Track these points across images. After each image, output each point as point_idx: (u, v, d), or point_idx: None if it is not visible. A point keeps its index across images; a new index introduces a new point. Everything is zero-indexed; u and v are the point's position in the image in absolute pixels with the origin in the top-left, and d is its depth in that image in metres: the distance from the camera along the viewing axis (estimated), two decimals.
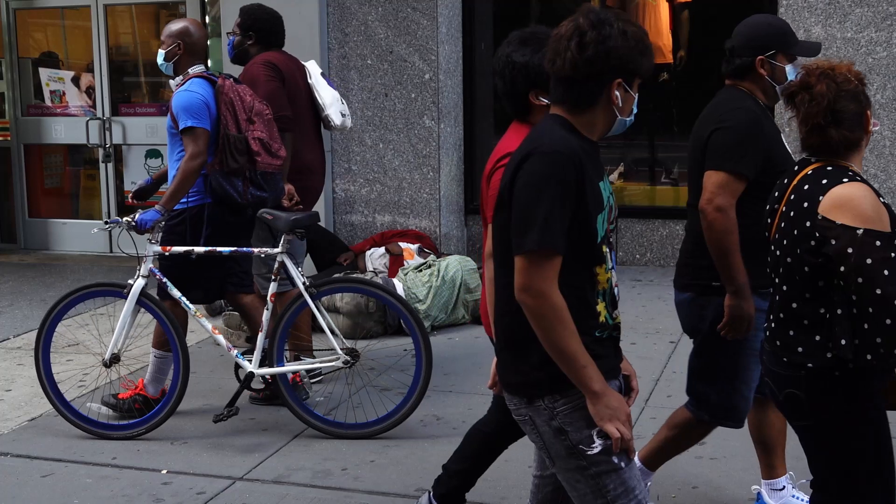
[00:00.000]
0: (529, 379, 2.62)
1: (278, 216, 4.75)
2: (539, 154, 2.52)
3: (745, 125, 3.48)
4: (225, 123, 4.83)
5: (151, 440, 4.83)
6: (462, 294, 6.63)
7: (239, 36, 5.64)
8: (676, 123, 8.77)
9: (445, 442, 4.69)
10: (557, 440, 2.62)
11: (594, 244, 2.58)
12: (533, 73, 3.13)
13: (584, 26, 2.54)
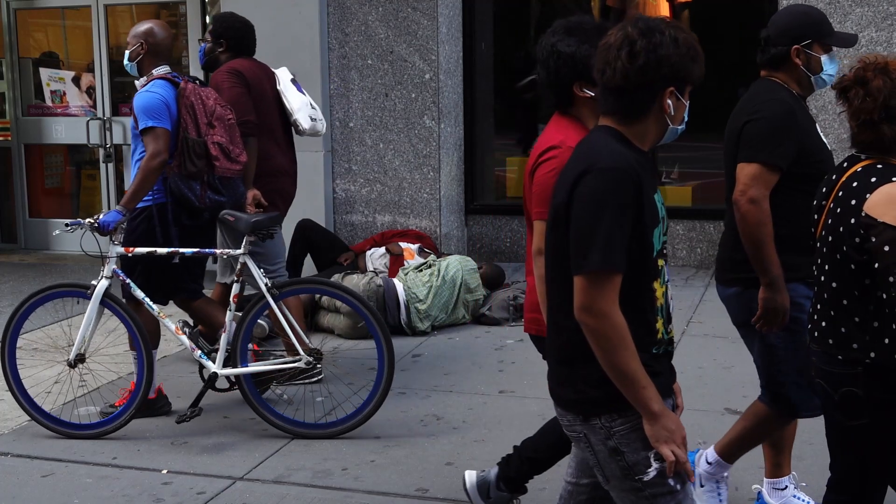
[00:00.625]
0: (587, 397, 2.57)
1: (239, 217, 4.78)
2: (597, 171, 2.47)
3: (779, 116, 3.45)
4: (185, 126, 4.86)
5: (152, 439, 4.83)
6: (462, 294, 6.63)
7: (210, 43, 5.72)
8: None
9: (446, 442, 4.69)
10: (613, 460, 2.57)
11: (650, 259, 2.54)
12: (579, 63, 3.08)
13: (633, 35, 2.50)
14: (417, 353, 6.11)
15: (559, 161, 3.02)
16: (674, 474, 2.51)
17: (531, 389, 5.37)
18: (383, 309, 6.42)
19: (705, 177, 8.66)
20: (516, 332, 6.43)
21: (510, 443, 4.63)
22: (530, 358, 5.91)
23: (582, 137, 3.06)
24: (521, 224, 8.35)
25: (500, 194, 9.00)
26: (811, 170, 3.46)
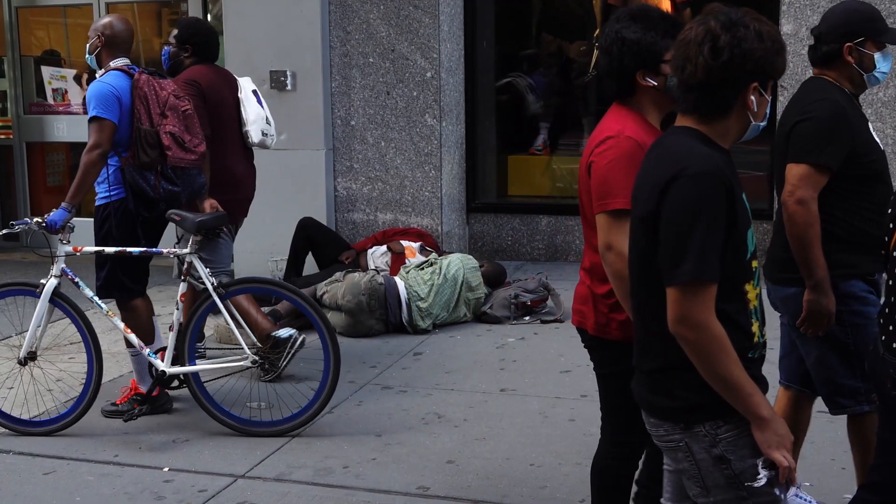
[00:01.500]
0: (689, 403, 2.48)
1: (185, 217, 4.79)
2: (687, 177, 2.38)
3: (830, 117, 3.41)
4: (138, 117, 4.88)
5: (154, 437, 4.83)
6: (464, 292, 6.64)
7: (175, 48, 5.78)
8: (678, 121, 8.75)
9: (447, 440, 4.69)
10: (717, 469, 2.48)
11: (744, 261, 2.47)
12: (644, 51, 3.02)
13: (716, 29, 2.41)
14: (419, 351, 6.12)
15: (617, 151, 2.98)
16: (783, 482, 2.43)
17: (532, 387, 5.37)
18: (384, 307, 6.42)
19: None
20: (517, 331, 6.44)
21: (511, 441, 4.65)
22: (532, 356, 5.92)
23: (640, 128, 3.05)
24: (523, 222, 8.36)
25: (502, 193, 9.00)
26: (864, 170, 3.43)
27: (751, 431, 2.42)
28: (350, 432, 4.83)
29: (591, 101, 9.12)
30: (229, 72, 5.94)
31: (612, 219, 2.97)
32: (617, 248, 2.94)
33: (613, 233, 2.96)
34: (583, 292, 3.30)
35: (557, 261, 8.27)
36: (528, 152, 9.03)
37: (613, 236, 2.96)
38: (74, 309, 4.91)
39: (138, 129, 4.86)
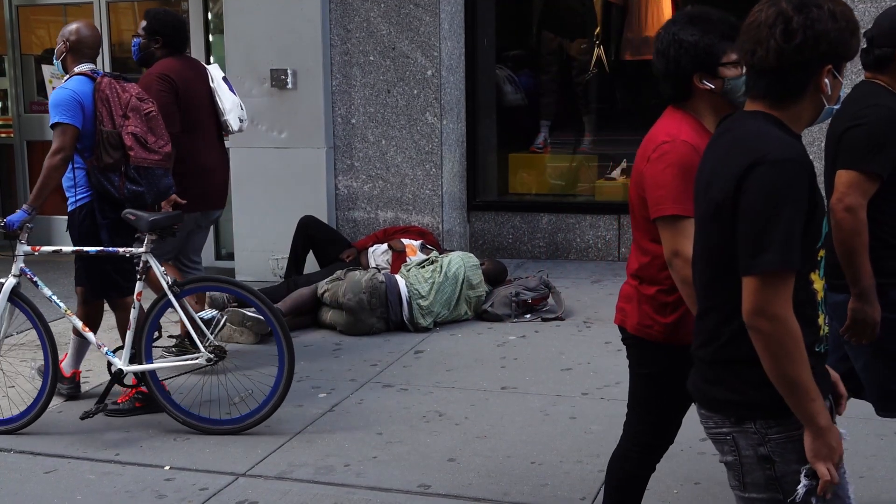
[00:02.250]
0: (744, 398, 2.43)
1: (140, 216, 4.83)
2: (770, 163, 2.29)
3: (881, 123, 3.35)
4: (100, 119, 4.95)
5: (155, 435, 4.83)
6: (464, 290, 6.63)
7: (144, 39, 5.81)
8: None
9: (448, 438, 4.69)
10: (760, 468, 2.44)
11: (814, 249, 2.41)
12: (701, 53, 2.99)
13: (788, 11, 2.33)
14: (420, 349, 6.12)
15: (673, 156, 2.96)
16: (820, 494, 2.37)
17: (533, 386, 5.37)
18: (385, 305, 6.42)
19: None
20: (518, 329, 6.44)
21: (512, 439, 4.65)
22: (532, 354, 5.92)
23: (696, 132, 3.02)
24: (524, 220, 8.35)
25: (503, 191, 8.99)
26: None
27: (801, 437, 2.37)
28: (351, 430, 4.83)
29: (592, 99, 9.12)
30: (199, 61, 6.03)
31: (672, 225, 2.95)
32: (684, 254, 2.90)
33: (678, 239, 2.93)
34: (628, 291, 3.27)
35: (558, 259, 8.27)
36: (529, 150, 9.03)
37: (679, 243, 2.93)
38: (32, 309, 4.98)
39: (101, 132, 4.95)
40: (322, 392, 5.38)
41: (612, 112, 9.27)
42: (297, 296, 6.65)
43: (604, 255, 8.19)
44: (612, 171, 8.68)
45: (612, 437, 4.59)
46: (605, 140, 9.11)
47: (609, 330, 6.33)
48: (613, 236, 8.16)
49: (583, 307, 6.85)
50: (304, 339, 6.42)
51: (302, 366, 5.85)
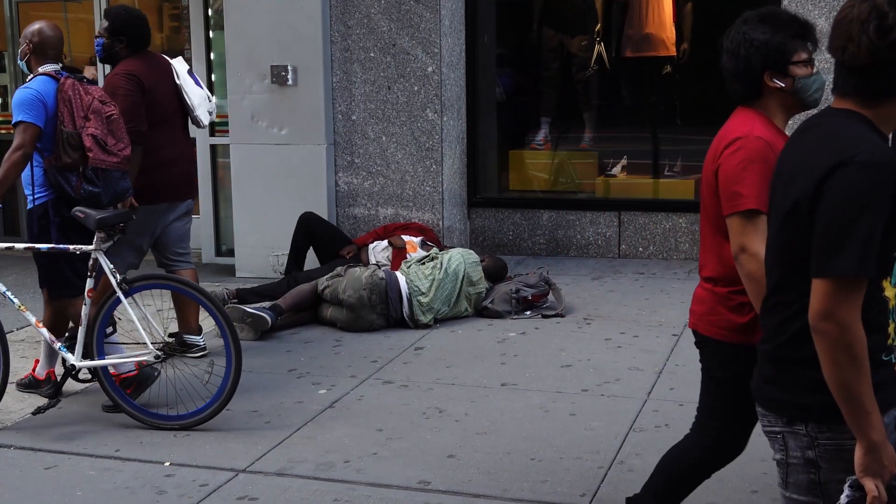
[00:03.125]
0: (798, 401, 2.41)
1: (88, 214, 4.87)
2: (857, 165, 2.22)
3: None
4: (61, 120, 5.03)
5: (155, 432, 4.83)
6: (465, 287, 6.63)
7: (108, 40, 5.84)
8: (680, 116, 8.75)
9: (448, 434, 4.69)
10: (805, 471, 2.43)
11: (891, 257, 2.36)
12: (773, 52, 2.99)
13: (883, 6, 2.26)
14: (420, 345, 6.12)
15: (747, 152, 2.96)
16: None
17: (533, 382, 5.37)
18: (386, 301, 6.42)
19: None
20: (518, 325, 6.44)
21: (512, 435, 4.65)
22: (533, 351, 5.92)
23: (768, 129, 3.00)
24: (524, 217, 8.35)
25: (503, 187, 8.98)
26: None
27: (853, 448, 2.31)
28: (351, 426, 4.84)
29: (593, 95, 9.11)
30: (163, 57, 6.04)
31: (744, 220, 2.94)
32: (751, 249, 2.90)
33: (747, 235, 2.93)
34: (700, 294, 3.26)
35: (558, 255, 8.26)
36: (530, 147, 9.02)
37: (747, 238, 2.92)
38: None
39: (61, 132, 5.02)
40: (322, 388, 5.38)
41: (612, 109, 9.26)
42: (298, 292, 6.65)
43: (604, 251, 8.19)
44: (612, 167, 8.67)
45: (611, 433, 4.61)
46: (605, 137, 9.10)
47: (609, 327, 6.33)
48: (614, 233, 8.16)
49: (583, 304, 6.85)
50: (304, 335, 6.42)
51: (302, 362, 5.85)
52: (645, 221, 8.10)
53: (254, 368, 5.74)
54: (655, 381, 5.32)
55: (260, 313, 6.31)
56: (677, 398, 5.04)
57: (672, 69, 8.59)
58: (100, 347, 4.96)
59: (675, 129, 8.73)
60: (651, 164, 8.72)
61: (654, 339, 6.03)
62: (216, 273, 8.24)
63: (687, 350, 5.81)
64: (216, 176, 8.77)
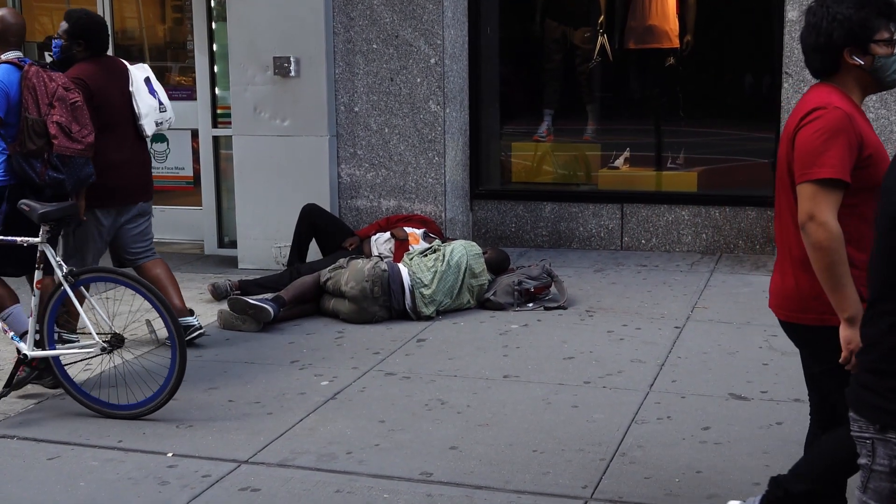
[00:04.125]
0: (893, 408, 2.43)
1: (32, 207, 4.90)
2: None
3: None
4: (26, 107, 5.10)
5: (158, 422, 4.84)
6: (467, 279, 6.63)
7: (66, 42, 5.86)
8: (682, 108, 8.74)
9: (450, 426, 4.70)
10: (888, 479, 2.46)
11: None
12: (855, 28, 2.98)
13: None
14: (422, 337, 6.12)
15: (825, 121, 2.94)
16: None
17: (535, 374, 5.38)
18: (388, 293, 6.42)
19: (710, 162, 8.63)
20: (521, 317, 6.44)
21: (514, 427, 4.65)
22: (535, 343, 5.92)
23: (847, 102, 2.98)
24: (527, 209, 8.35)
25: (506, 179, 8.97)
26: None
27: None
28: (353, 418, 4.84)
29: (596, 87, 9.10)
30: (121, 62, 6.05)
31: (816, 188, 2.92)
32: (819, 218, 2.87)
33: (818, 203, 2.90)
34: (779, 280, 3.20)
35: (561, 247, 8.26)
36: (532, 139, 9.01)
37: (817, 206, 2.89)
38: None
39: (26, 119, 5.07)
40: (324, 380, 5.39)
41: (615, 101, 9.25)
42: (300, 284, 6.65)
43: (606, 244, 8.18)
44: (615, 160, 8.66)
45: (613, 425, 4.61)
46: (608, 129, 9.09)
47: (611, 319, 6.33)
48: (616, 225, 8.15)
49: (585, 296, 6.85)
50: (306, 326, 6.43)
51: (304, 353, 5.86)
52: (647, 214, 8.10)
53: (256, 359, 5.75)
54: (658, 374, 5.32)
55: (262, 305, 6.31)
56: (679, 390, 5.05)
57: (675, 61, 8.57)
58: (50, 337, 5.02)
59: (677, 121, 8.72)
60: (654, 156, 8.71)
61: (657, 332, 6.03)
62: (218, 265, 8.24)
63: (689, 342, 5.83)
64: (218, 167, 8.76)
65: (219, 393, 5.22)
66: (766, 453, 4.25)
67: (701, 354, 5.61)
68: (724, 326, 6.11)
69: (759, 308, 6.46)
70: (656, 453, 4.32)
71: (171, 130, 9.28)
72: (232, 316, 6.37)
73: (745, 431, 4.50)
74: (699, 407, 4.81)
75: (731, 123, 8.66)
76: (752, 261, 7.66)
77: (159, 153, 9.23)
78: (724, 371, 5.34)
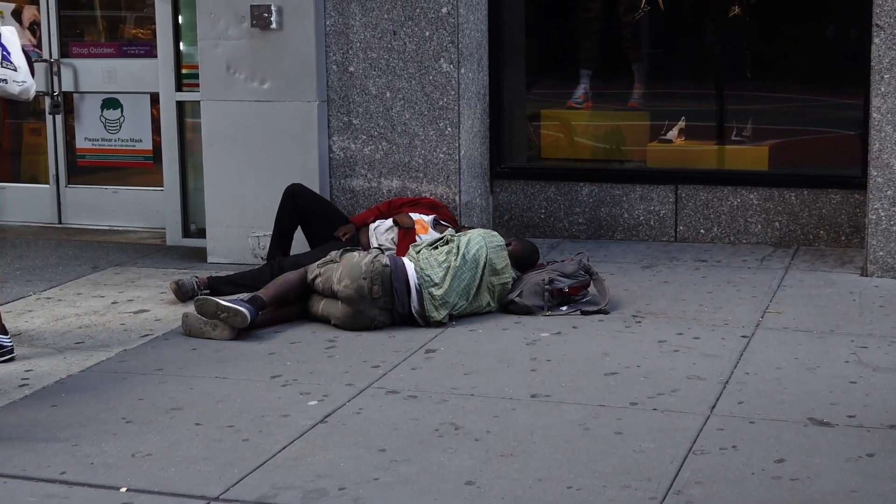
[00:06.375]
0: None
1: None
2: None
3: None
4: None
5: (108, 451, 4.83)
6: (487, 276, 6.61)
7: None
8: (750, 68, 8.70)
9: (465, 456, 4.68)
10: None
11: None
12: None
13: None
14: (431, 348, 6.11)
15: None
16: None
17: (570, 393, 5.36)
18: (390, 294, 6.41)
19: (784, 134, 8.60)
20: (553, 324, 6.42)
21: (545, 458, 4.63)
22: (570, 355, 5.90)
23: None
24: (560, 191, 8.32)
25: (534, 155, 8.96)
26: None
27: None
28: (347, 446, 4.83)
29: (644, 43, 9.06)
30: None
31: None
32: None
33: None
34: None
35: (601, 238, 8.24)
36: (566, 106, 8.99)
37: None
38: None
39: None
40: (312, 399, 5.38)
41: (667, 59, 9.21)
42: (283, 282, 6.65)
43: (657, 234, 8.16)
44: (667, 131, 8.64)
45: (666, 456, 4.59)
46: (659, 93, 9.07)
47: (663, 326, 6.31)
48: (669, 211, 8.13)
49: (632, 298, 6.82)
50: (290, 334, 6.42)
51: (288, 367, 5.84)
52: (708, 197, 8.07)
53: (229, 374, 5.74)
54: (720, 393, 5.30)
55: (237, 307, 6.30)
56: (747, 414, 5.02)
57: (741, 10, 8.53)
58: None
59: (744, 84, 8.69)
60: (715, 126, 8.69)
61: (719, 342, 6.01)
62: (183, 258, 8.24)
63: (759, 355, 5.79)
64: (183, 139, 8.77)
65: (183, 415, 5.21)
66: (853, 492, 4.23)
67: (774, 370, 5.59)
68: (803, 336, 6.08)
69: (845, 313, 6.42)
70: (719, 491, 4.29)
71: (126, 94, 9.35)
72: (199, 321, 6.36)
73: (828, 465, 4.47)
74: (771, 434, 4.79)
75: (811, 87, 8.62)
76: (837, 255, 7.61)
77: (111, 122, 9.24)
78: (802, 391, 5.31)
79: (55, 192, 9.63)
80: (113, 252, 8.59)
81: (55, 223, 9.49)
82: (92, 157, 9.56)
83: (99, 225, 9.41)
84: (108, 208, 9.46)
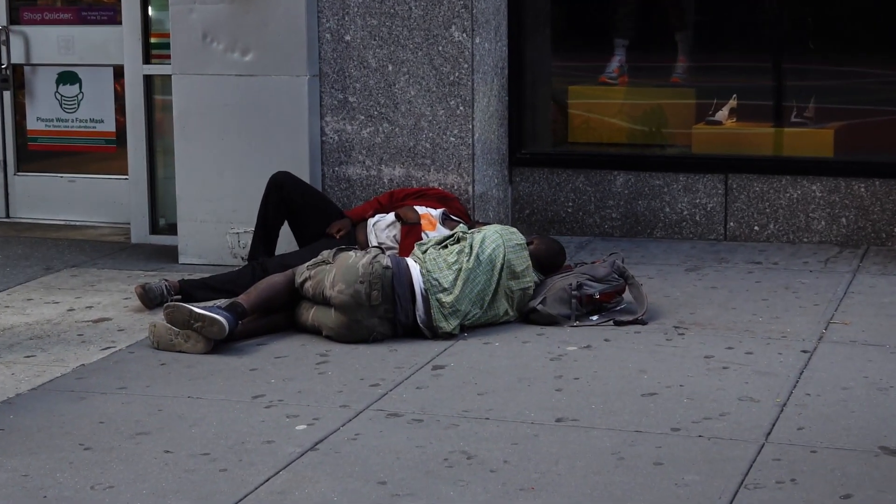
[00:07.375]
0: None
1: None
2: None
3: None
4: None
5: (65, 482, 4.83)
6: (504, 280, 6.62)
7: None
8: (812, 38, 8.70)
9: (479, 490, 4.69)
10: None
11: None
12: None
13: None
14: (440, 363, 6.12)
15: None
16: None
17: (601, 417, 5.36)
18: (392, 300, 6.42)
19: (852, 115, 8.60)
20: (581, 335, 6.42)
21: (572, 492, 4.63)
22: (601, 372, 5.91)
23: None
24: (590, 181, 8.33)
25: (560, 138, 8.97)
26: None
27: None
28: (342, 477, 4.84)
29: (689, 8, 9.07)
30: None
31: None
32: None
33: None
34: None
35: (639, 236, 8.24)
36: (599, 81, 8.99)
37: None
38: None
39: None
40: (301, 423, 5.39)
41: (715, 28, 9.22)
42: (267, 286, 6.65)
43: (704, 231, 8.16)
44: (715, 111, 8.64)
45: (713, 490, 4.59)
46: (705, 67, 9.08)
47: (711, 339, 6.30)
48: (718, 204, 8.13)
49: (674, 306, 6.83)
50: (275, 347, 6.43)
51: (273, 385, 5.85)
52: (762, 189, 8.07)
53: (204, 393, 5.75)
54: (777, 418, 5.30)
55: (213, 315, 6.31)
56: (808, 442, 5.01)
57: None
58: None
59: (805, 57, 8.69)
60: (771, 106, 8.69)
61: (776, 358, 6.01)
62: (151, 257, 8.26)
63: (822, 373, 5.79)
64: (151, 120, 8.79)
65: (151, 440, 5.22)
66: None
67: (839, 391, 5.59)
68: (874, 351, 6.08)
69: None
70: None
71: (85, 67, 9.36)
72: (170, 331, 6.37)
73: None
74: (836, 466, 4.79)
75: (883, 60, 8.61)
76: None
77: (68, 100, 9.26)
78: (873, 415, 5.31)
79: (2, 181, 9.65)
80: (69, 251, 8.61)
81: (2, 217, 9.51)
82: (45, 141, 9.60)
83: (53, 219, 9.45)
84: (63, 200, 9.48)
